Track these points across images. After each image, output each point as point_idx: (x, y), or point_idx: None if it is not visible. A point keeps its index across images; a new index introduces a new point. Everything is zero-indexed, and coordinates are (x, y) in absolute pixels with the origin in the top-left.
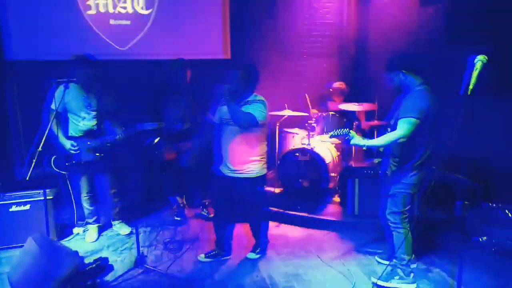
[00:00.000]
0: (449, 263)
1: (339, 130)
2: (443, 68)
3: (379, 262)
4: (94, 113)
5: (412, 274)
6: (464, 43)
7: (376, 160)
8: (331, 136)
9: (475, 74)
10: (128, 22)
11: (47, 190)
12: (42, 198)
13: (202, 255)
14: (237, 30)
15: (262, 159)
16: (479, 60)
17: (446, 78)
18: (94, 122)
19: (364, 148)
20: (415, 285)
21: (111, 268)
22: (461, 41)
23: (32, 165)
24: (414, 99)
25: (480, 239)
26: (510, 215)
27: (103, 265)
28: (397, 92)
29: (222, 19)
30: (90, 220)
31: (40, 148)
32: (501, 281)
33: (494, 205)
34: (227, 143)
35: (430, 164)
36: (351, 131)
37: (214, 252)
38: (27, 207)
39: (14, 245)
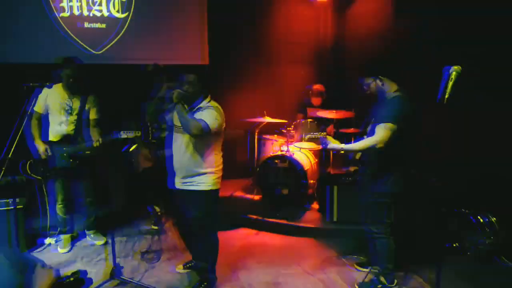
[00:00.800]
0: (426, 269)
1: (316, 133)
2: (418, 76)
3: (358, 270)
4: (73, 117)
5: (395, 281)
6: (438, 54)
7: (352, 168)
8: (308, 139)
9: (450, 84)
10: (103, 26)
11: (17, 199)
12: (12, 207)
13: (180, 266)
14: (216, 35)
15: (216, 172)
16: (454, 71)
17: (422, 86)
18: (72, 127)
19: (342, 152)
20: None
21: (90, 281)
22: (435, 51)
23: (1, 173)
24: (391, 105)
25: (454, 244)
26: (481, 220)
27: (81, 279)
28: (372, 98)
29: (200, 25)
30: (64, 230)
31: (10, 156)
32: (477, 285)
33: (467, 211)
34: (176, 152)
35: (409, 171)
36: (327, 136)
37: (191, 264)
38: None
39: None
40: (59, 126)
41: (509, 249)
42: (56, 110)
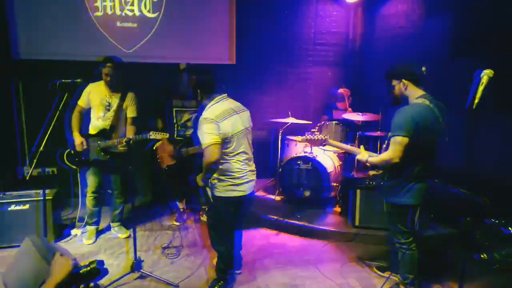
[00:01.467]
0: (450, 279)
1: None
2: (448, 80)
3: (378, 274)
4: (110, 114)
5: None
6: (470, 56)
7: (371, 172)
8: (303, 140)
9: (480, 88)
10: (134, 25)
11: (46, 190)
12: (42, 198)
13: None
14: (243, 35)
15: (229, 179)
16: (486, 75)
17: (451, 91)
18: (108, 122)
19: (368, 164)
20: None
21: (105, 272)
22: (467, 54)
23: (33, 165)
24: (403, 114)
25: (482, 256)
26: None
27: (97, 269)
28: (395, 102)
29: (228, 25)
30: (90, 221)
31: (41, 148)
32: None
33: (497, 221)
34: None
35: (427, 178)
36: (360, 147)
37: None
38: (26, 206)
39: (11, 245)
40: (97, 120)
41: None
42: (96, 105)
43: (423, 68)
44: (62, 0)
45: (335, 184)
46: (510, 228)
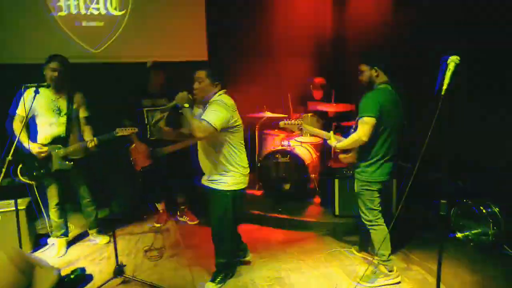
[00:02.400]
0: (428, 260)
1: (293, 121)
2: (418, 67)
3: (355, 255)
4: (63, 118)
5: (395, 268)
6: (441, 45)
7: (341, 156)
8: (284, 125)
9: (448, 74)
10: (101, 24)
11: (18, 200)
12: (14, 209)
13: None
14: (214, 30)
15: (238, 171)
16: (452, 61)
17: (422, 77)
18: (63, 128)
19: (337, 150)
20: (400, 277)
21: (90, 278)
22: (438, 43)
23: (2, 174)
24: (370, 98)
25: (458, 235)
26: (484, 211)
27: (81, 275)
28: (364, 88)
29: (198, 20)
30: (58, 234)
31: (10, 157)
32: (479, 276)
33: (470, 201)
34: (199, 152)
35: (393, 157)
36: (331, 131)
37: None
38: None
39: None
40: (49, 127)
41: None
42: (44, 111)
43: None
44: (24, 0)
45: (313, 175)
46: (481, 208)
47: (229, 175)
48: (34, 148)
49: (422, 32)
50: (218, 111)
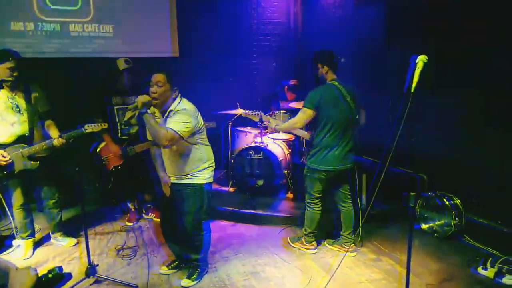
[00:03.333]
0: (396, 251)
1: (255, 112)
2: (384, 67)
3: (328, 247)
4: (24, 116)
5: (314, 243)
6: (404, 43)
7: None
8: (246, 114)
9: (417, 72)
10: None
11: None
12: None
13: (164, 267)
14: (185, 27)
15: (210, 165)
16: (420, 60)
17: (387, 75)
18: (25, 126)
19: (278, 130)
20: (315, 250)
21: (69, 276)
22: (401, 41)
23: None
24: (313, 92)
25: (423, 226)
26: (447, 203)
27: (59, 275)
28: (316, 82)
29: (169, 16)
30: (24, 235)
31: None
32: (444, 264)
33: (434, 194)
34: (166, 157)
35: (344, 151)
36: (267, 116)
37: (175, 263)
38: None
39: None
40: (11, 127)
41: (471, 228)
42: (2, 111)
43: (342, 60)
44: None
45: (286, 171)
46: (444, 200)
47: (203, 170)
48: None
49: (386, 30)
50: (185, 120)
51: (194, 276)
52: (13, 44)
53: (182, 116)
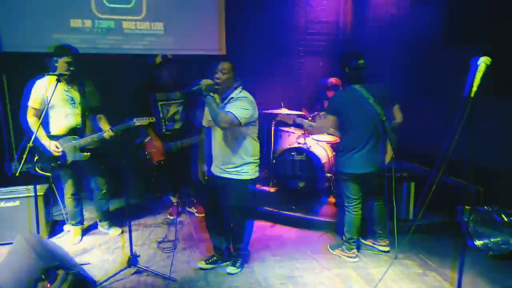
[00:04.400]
0: (445, 267)
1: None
2: (440, 68)
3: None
4: (78, 109)
5: (355, 251)
6: (462, 44)
7: None
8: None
9: (478, 76)
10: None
11: (37, 186)
12: (33, 194)
13: (202, 262)
14: (233, 25)
15: (256, 161)
16: (483, 62)
17: (444, 78)
18: (78, 118)
19: (310, 128)
20: (357, 258)
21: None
22: (459, 42)
23: (23, 161)
24: (332, 97)
25: (477, 242)
26: (506, 219)
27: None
28: (344, 85)
29: (217, 15)
30: (73, 222)
31: (31, 144)
32: (498, 286)
33: (491, 208)
34: (217, 145)
35: (369, 153)
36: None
37: (214, 258)
38: (17, 203)
39: (2, 242)
40: (65, 118)
41: None
42: (58, 102)
43: (361, 61)
44: None
45: (329, 174)
46: (503, 215)
47: (250, 165)
48: (51, 147)
49: (444, 30)
50: (245, 107)
51: (238, 263)
52: (71, 40)
53: (242, 103)
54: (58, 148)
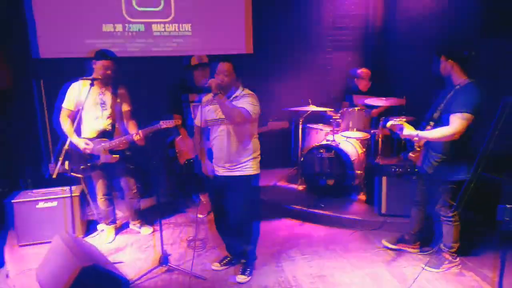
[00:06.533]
0: (484, 267)
1: (395, 120)
2: (479, 62)
3: (386, 247)
4: (108, 112)
5: (458, 258)
6: (501, 36)
7: (412, 154)
8: (388, 125)
9: None
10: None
11: (73, 187)
12: (69, 195)
13: (217, 264)
14: (260, 23)
15: (258, 156)
16: None
17: (482, 71)
18: (108, 121)
19: (415, 139)
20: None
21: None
22: (498, 34)
23: (59, 163)
24: (469, 93)
25: None
26: None
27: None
28: (437, 82)
29: (244, 13)
30: (107, 221)
31: (67, 146)
32: None
33: None
34: (220, 143)
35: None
36: (402, 121)
37: (228, 259)
38: (55, 203)
39: (42, 241)
40: (95, 121)
41: None
42: (90, 105)
43: (472, 52)
44: None
45: (359, 171)
46: None
47: (253, 161)
48: (80, 143)
49: (481, 21)
50: (254, 103)
51: (248, 271)
52: (103, 44)
53: (251, 99)
54: (89, 145)
